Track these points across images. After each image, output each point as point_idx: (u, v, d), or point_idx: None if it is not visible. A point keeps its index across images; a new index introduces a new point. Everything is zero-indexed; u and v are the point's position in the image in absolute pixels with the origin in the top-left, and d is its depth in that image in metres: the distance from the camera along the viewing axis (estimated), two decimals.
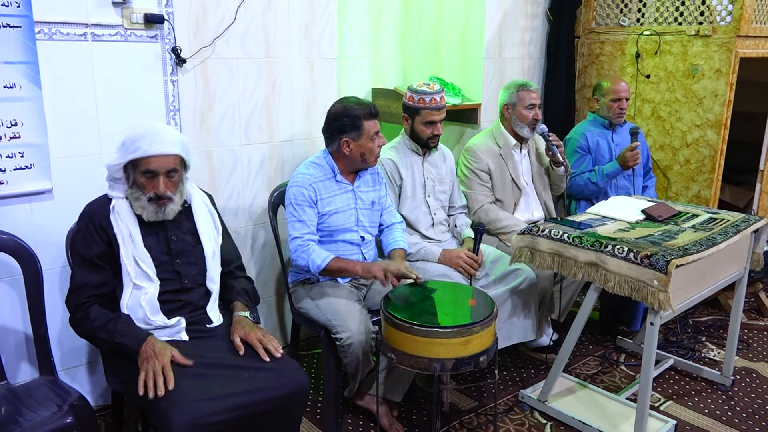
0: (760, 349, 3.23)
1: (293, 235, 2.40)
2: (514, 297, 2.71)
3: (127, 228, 1.96)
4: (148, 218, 1.97)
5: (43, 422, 1.78)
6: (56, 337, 2.38)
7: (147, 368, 1.79)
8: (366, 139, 2.41)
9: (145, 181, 1.94)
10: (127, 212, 1.98)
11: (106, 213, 1.97)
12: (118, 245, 1.95)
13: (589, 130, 3.35)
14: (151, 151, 1.91)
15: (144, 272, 1.96)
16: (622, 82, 3.30)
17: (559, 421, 2.56)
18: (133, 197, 1.96)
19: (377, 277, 2.31)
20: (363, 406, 2.53)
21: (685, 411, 2.67)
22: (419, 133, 2.76)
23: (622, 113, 3.29)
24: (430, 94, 2.68)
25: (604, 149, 3.32)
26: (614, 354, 3.13)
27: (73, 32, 2.24)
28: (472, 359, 2.01)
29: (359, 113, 2.38)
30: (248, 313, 2.08)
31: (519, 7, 3.61)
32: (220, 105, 2.67)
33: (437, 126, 2.74)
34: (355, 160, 2.45)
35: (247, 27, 2.67)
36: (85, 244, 1.95)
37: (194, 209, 2.10)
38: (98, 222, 1.96)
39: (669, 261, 2.08)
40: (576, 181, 3.28)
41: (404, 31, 3.51)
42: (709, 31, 3.31)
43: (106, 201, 2.00)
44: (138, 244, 1.97)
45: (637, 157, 3.15)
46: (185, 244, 2.06)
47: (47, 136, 2.22)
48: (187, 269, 2.05)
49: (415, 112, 2.72)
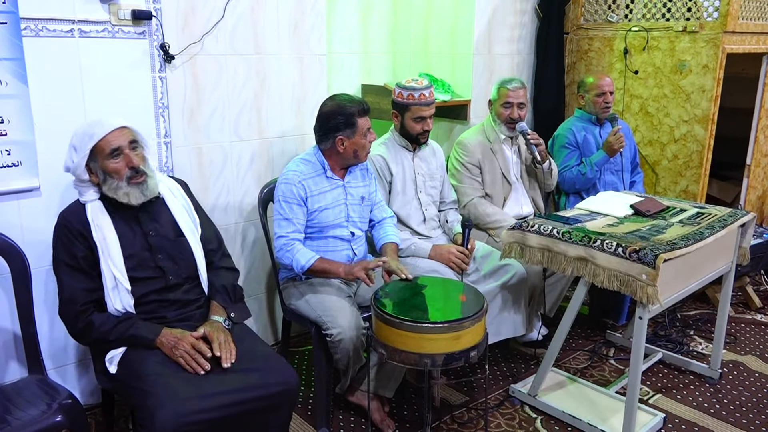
0: (747, 342, 3.26)
1: (278, 233, 2.39)
2: (503, 292, 2.72)
3: (102, 233, 1.93)
4: (136, 201, 1.95)
5: (33, 421, 1.77)
6: (45, 336, 2.36)
7: (181, 353, 1.87)
8: (359, 136, 2.41)
9: (114, 164, 1.91)
10: (101, 215, 1.95)
11: (82, 219, 1.94)
12: (98, 252, 1.93)
13: (576, 126, 3.37)
14: (104, 131, 1.91)
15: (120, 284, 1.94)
16: (605, 77, 3.32)
17: (549, 416, 2.57)
18: (112, 188, 1.93)
19: (360, 278, 2.31)
20: (354, 402, 2.53)
21: (673, 404, 2.69)
22: (409, 129, 2.76)
23: (607, 107, 3.31)
24: (419, 89, 2.68)
25: (592, 144, 3.34)
26: (603, 348, 3.15)
27: (60, 29, 2.22)
28: (462, 354, 2.01)
29: (353, 111, 2.38)
30: (223, 318, 2.05)
31: (508, 4, 3.61)
32: (209, 101, 2.66)
33: (427, 121, 2.75)
34: (347, 157, 2.45)
35: (236, 23, 2.66)
36: (67, 251, 1.93)
37: (168, 200, 2.08)
38: (76, 229, 1.93)
39: (657, 255, 2.09)
40: (566, 175, 3.29)
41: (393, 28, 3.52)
42: (696, 27, 3.33)
43: (79, 207, 1.98)
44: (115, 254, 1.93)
45: (621, 140, 3.17)
46: (164, 238, 2.03)
47: (34, 133, 2.20)
48: (169, 264, 2.02)
49: (405, 108, 2.72)
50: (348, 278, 2.37)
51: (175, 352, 1.88)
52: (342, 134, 2.40)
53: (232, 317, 2.09)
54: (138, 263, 1.97)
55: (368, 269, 2.30)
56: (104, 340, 1.92)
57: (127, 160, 1.93)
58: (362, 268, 2.31)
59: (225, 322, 2.04)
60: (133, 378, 1.85)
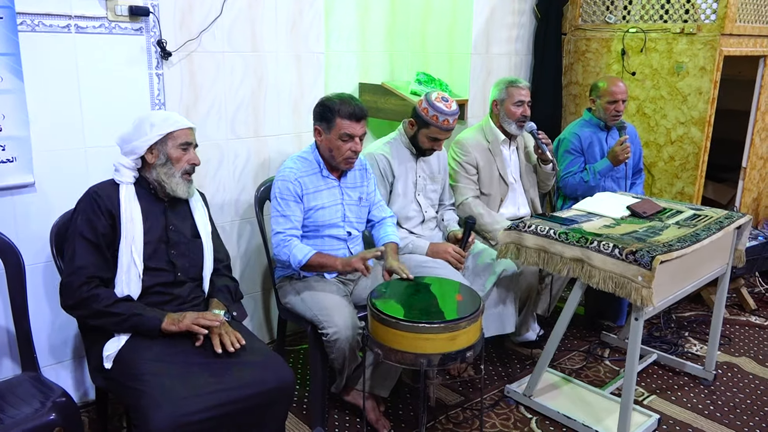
0: (741, 344, 3.27)
1: (276, 230, 2.39)
2: (493, 290, 2.72)
3: (131, 215, 1.97)
4: (183, 195, 2.04)
5: (26, 419, 1.76)
6: (39, 333, 2.34)
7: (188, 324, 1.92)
8: (334, 135, 2.37)
9: (179, 154, 2.00)
10: (133, 198, 2.00)
11: (113, 197, 1.97)
12: (120, 232, 1.95)
13: (583, 131, 3.31)
14: (183, 124, 2.02)
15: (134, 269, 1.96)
16: (619, 83, 3.24)
17: (544, 416, 2.58)
18: (167, 174, 2.00)
19: (357, 269, 2.30)
20: (350, 401, 2.53)
21: (668, 405, 2.70)
22: (420, 143, 2.75)
23: (618, 115, 3.24)
24: (446, 114, 2.63)
25: (596, 150, 3.29)
26: (599, 349, 3.16)
27: (57, 24, 2.21)
28: (458, 354, 2.01)
29: (335, 107, 2.35)
30: (223, 311, 2.07)
31: (506, 4, 3.61)
32: (206, 99, 2.64)
33: (440, 143, 2.74)
34: (325, 153, 2.44)
35: (233, 20, 2.65)
36: (89, 224, 1.94)
37: (193, 203, 2.14)
38: (105, 205, 1.95)
39: (653, 257, 2.09)
40: (569, 181, 3.28)
41: (392, 26, 3.51)
42: (693, 29, 3.34)
43: (112, 186, 2.01)
44: (137, 239, 1.97)
45: (627, 151, 3.14)
46: (182, 235, 2.08)
47: (29, 129, 2.18)
48: (181, 261, 2.06)
49: (424, 124, 2.69)
50: (346, 270, 2.36)
51: (184, 321, 1.92)
52: (318, 124, 2.40)
53: (234, 315, 2.11)
54: (153, 253, 2.01)
55: (366, 259, 2.30)
56: (106, 312, 1.90)
57: (191, 156, 2.04)
58: (360, 258, 2.31)
59: (225, 314, 2.06)
60: (128, 377, 1.84)
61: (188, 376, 1.82)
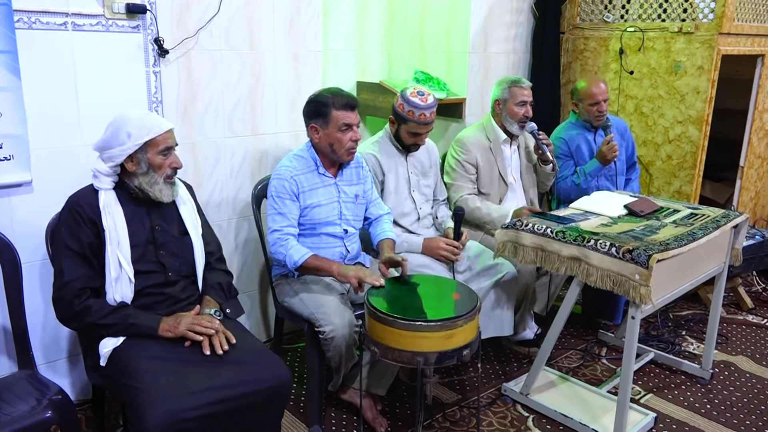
0: (738, 342, 3.28)
1: (273, 227, 2.39)
2: (493, 292, 2.72)
3: (113, 221, 1.94)
4: (167, 199, 2.00)
5: (23, 416, 1.75)
6: (36, 331, 2.35)
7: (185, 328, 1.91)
8: (334, 128, 2.37)
9: (161, 160, 1.96)
10: (114, 203, 1.96)
11: (93, 205, 1.94)
12: (105, 240, 1.93)
13: (570, 134, 3.32)
14: (162, 128, 1.96)
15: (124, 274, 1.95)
16: (599, 84, 3.22)
17: (541, 414, 2.58)
18: (150, 182, 1.96)
19: (352, 285, 2.28)
20: (347, 399, 2.53)
21: (664, 404, 2.70)
22: (403, 139, 2.74)
23: (601, 115, 3.23)
24: (421, 108, 2.61)
25: (585, 151, 3.29)
26: (596, 348, 3.16)
27: (53, 21, 2.21)
28: (455, 353, 2.01)
29: (328, 101, 2.36)
30: (215, 310, 2.06)
31: (504, 2, 3.61)
32: (203, 97, 2.64)
33: (421, 137, 2.73)
34: (325, 149, 2.43)
35: (231, 18, 2.64)
36: (73, 235, 1.92)
37: (178, 200, 2.10)
38: (86, 215, 1.93)
39: (650, 256, 2.10)
40: (561, 185, 3.28)
41: (389, 25, 3.50)
42: (691, 28, 3.34)
43: (91, 193, 1.97)
44: (123, 244, 1.95)
45: (614, 150, 3.13)
46: (169, 234, 2.06)
47: (27, 127, 2.18)
48: (171, 261, 2.04)
49: (403, 120, 2.68)
50: (340, 280, 2.33)
51: (179, 327, 1.91)
52: (314, 122, 2.39)
53: (227, 312, 2.10)
54: (141, 256, 1.98)
55: (363, 282, 2.24)
56: (100, 325, 1.90)
57: (172, 160, 2.00)
58: (357, 277, 2.24)
59: (216, 313, 2.05)
60: (123, 375, 1.84)
61: (184, 373, 1.82)
